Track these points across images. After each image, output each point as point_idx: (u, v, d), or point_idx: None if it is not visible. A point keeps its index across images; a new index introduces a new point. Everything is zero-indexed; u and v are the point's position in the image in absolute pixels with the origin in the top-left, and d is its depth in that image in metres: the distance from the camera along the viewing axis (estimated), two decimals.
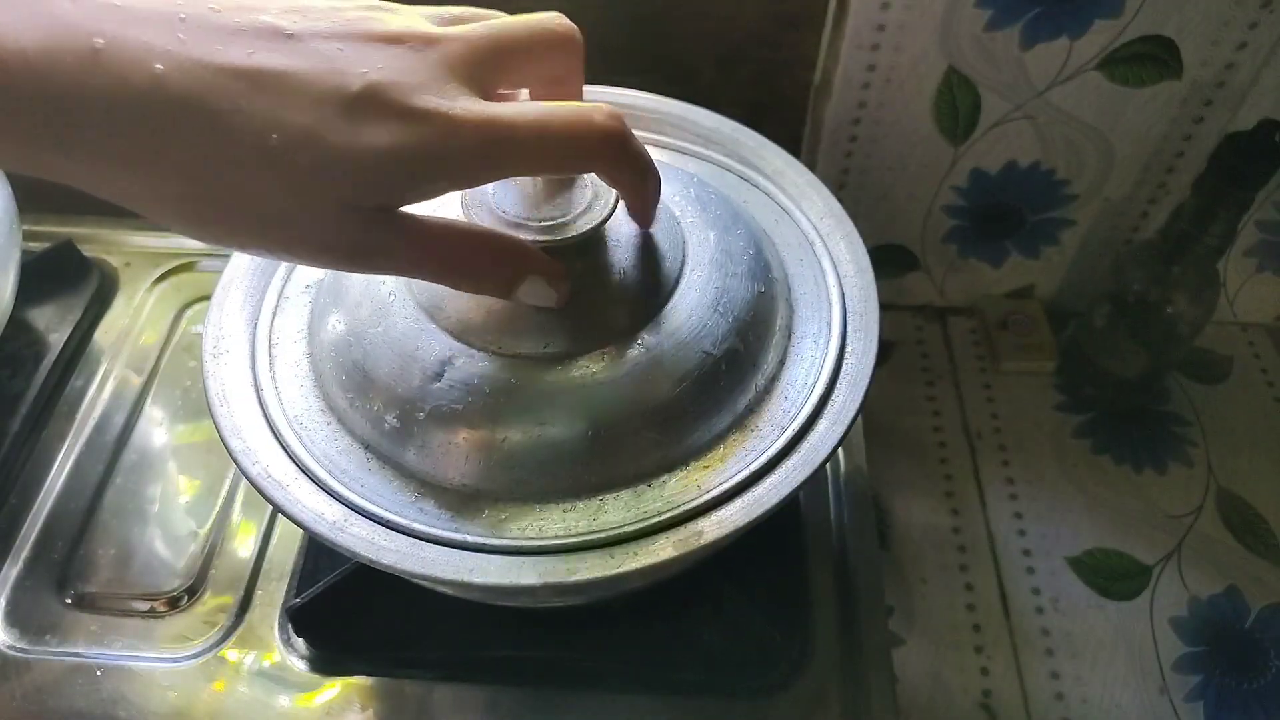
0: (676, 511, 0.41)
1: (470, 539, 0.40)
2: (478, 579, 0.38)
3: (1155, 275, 0.68)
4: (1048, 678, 0.63)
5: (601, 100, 0.35)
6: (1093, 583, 0.67)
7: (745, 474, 0.42)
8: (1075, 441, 0.76)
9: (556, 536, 0.41)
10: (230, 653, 0.56)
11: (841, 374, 0.46)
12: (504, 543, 0.40)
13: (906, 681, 0.62)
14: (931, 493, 0.72)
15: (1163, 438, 0.76)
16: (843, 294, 0.49)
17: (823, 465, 0.42)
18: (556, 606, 0.55)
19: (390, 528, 0.41)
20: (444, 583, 0.40)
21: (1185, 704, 0.62)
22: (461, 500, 0.42)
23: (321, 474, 0.43)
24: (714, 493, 0.41)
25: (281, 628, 0.57)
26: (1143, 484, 0.73)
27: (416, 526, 0.41)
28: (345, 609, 0.56)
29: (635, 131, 0.36)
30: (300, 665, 0.56)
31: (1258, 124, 0.61)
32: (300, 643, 0.57)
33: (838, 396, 0.45)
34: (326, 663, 0.56)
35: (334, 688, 0.55)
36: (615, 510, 0.41)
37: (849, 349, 0.47)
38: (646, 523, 0.40)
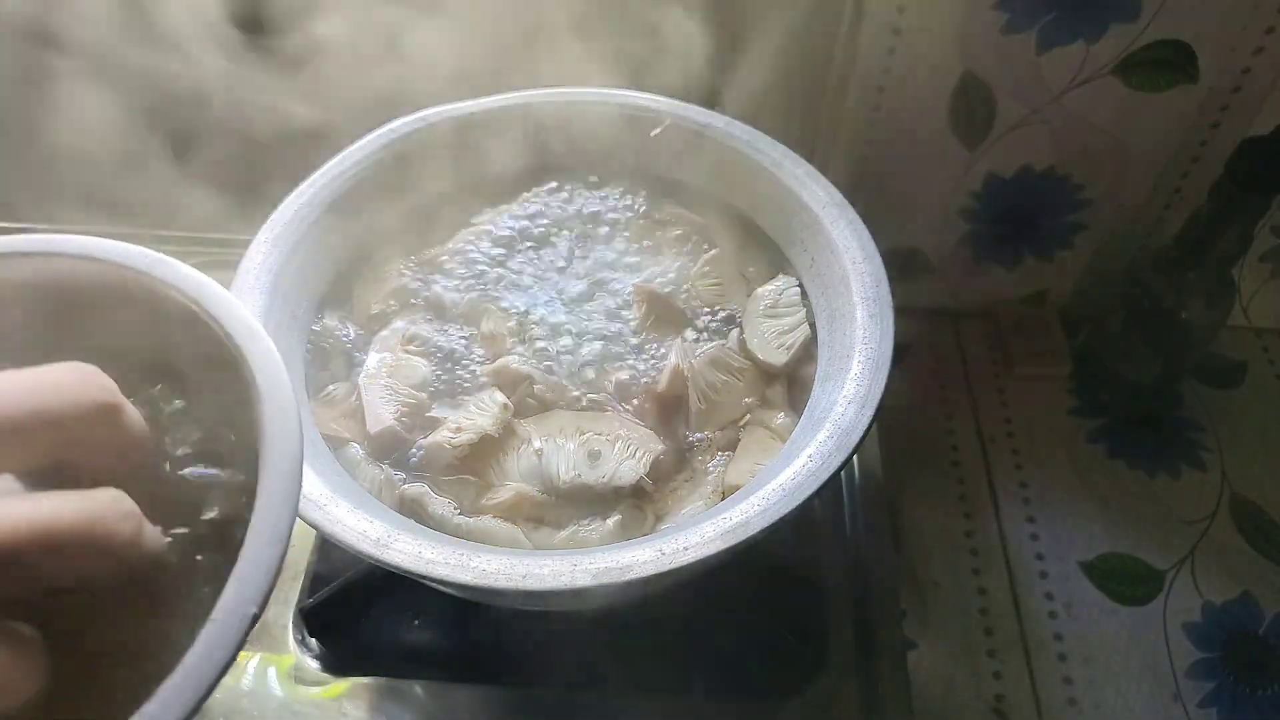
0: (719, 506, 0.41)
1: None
2: (533, 585, 0.38)
3: (1170, 280, 0.68)
4: (1060, 683, 0.63)
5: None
6: (1106, 588, 0.67)
7: (781, 463, 0.42)
8: (1089, 446, 0.75)
9: (600, 540, 0.41)
10: (244, 651, 0.56)
11: (863, 359, 0.46)
12: (549, 549, 0.40)
13: (919, 685, 0.62)
14: (945, 496, 0.72)
15: (1176, 443, 0.75)
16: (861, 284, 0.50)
17: (856, 449, 0.42)
18: (572, 609, 0.55)
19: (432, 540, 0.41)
20: (498, 593, 0.39)
21: (1199, 710, 0.61)
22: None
23: (355, 490, 0.43)
24: (751, 484, 0.41)
25: (295, 627, 0.57)
26: (1156, 489, 0.73)
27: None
28: (358, 609, 0.57)
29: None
30: (313, 664, 0.56)
31: (1275, 129, 0.61)
32: (313, 642, 0.57)
33: (861, 383, 0.45)
34: (339, 662, 0.56)
35: (346, 687, 0.55)
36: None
37: (866, 335, 0.47)
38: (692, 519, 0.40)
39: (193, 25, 0.60)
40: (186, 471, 0.31)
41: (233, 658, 0.25)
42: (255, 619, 0.26)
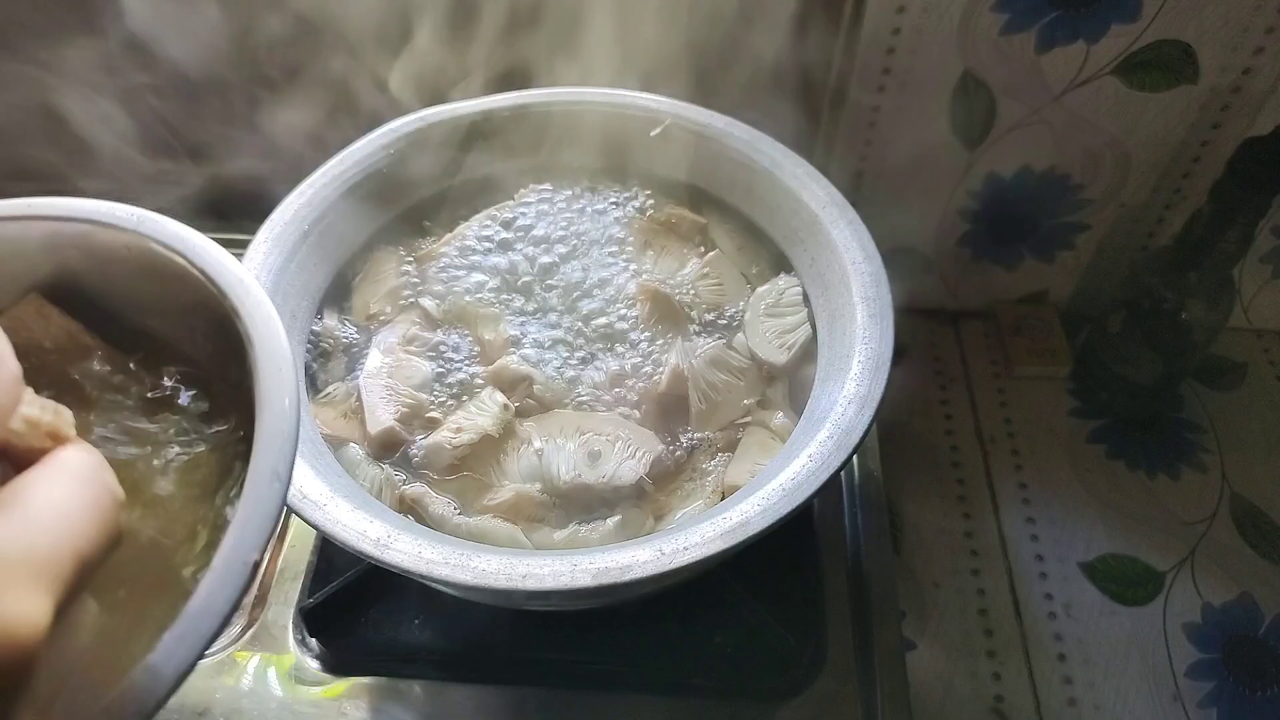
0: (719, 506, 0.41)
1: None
2: (533, 585, 0.38)
3: (1170, 281, 0.67)
4: (1060, 683, 0.63)
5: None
6: (1106, 588, 0.67)
7: (781, 463, 0.42)
8: (1088, 447, 0.75)
9: (600, 540, 0.41)
10: (245, 651, 0.57)
11: (863, 359, 0.46)
12: (549, 549, 0.40)
13: (918, 686, 0.62)
14: (944, 497, 0.72)
15: (1176, 444, 0.75)
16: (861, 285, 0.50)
17: (856, 450, 0.42)
18: (572, 609, 0.55)
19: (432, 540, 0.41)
20: (498, 593, 0.39)
21: (1199, 710, 0.61)
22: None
23: (355, 490, 0.42)
24: (751, 484, 0.41)
25: (296, 627, 0.57)
26: (1156, 490, 0.73)
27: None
28: (358, 609, 0.57)
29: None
30: (313, 664, 0.56)
31: (1275, 129, 0.60)
32: (313, 642, 0.57)
33: (861, 383, 0.45)
34: (339, 662, 0.56)
35: (346, 687, 0.55)
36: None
37: (866, 335, 0.47)
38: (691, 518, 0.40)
39: None
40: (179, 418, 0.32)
41: (235, 606, 0.25)
42: (257, 566, 0.25)
